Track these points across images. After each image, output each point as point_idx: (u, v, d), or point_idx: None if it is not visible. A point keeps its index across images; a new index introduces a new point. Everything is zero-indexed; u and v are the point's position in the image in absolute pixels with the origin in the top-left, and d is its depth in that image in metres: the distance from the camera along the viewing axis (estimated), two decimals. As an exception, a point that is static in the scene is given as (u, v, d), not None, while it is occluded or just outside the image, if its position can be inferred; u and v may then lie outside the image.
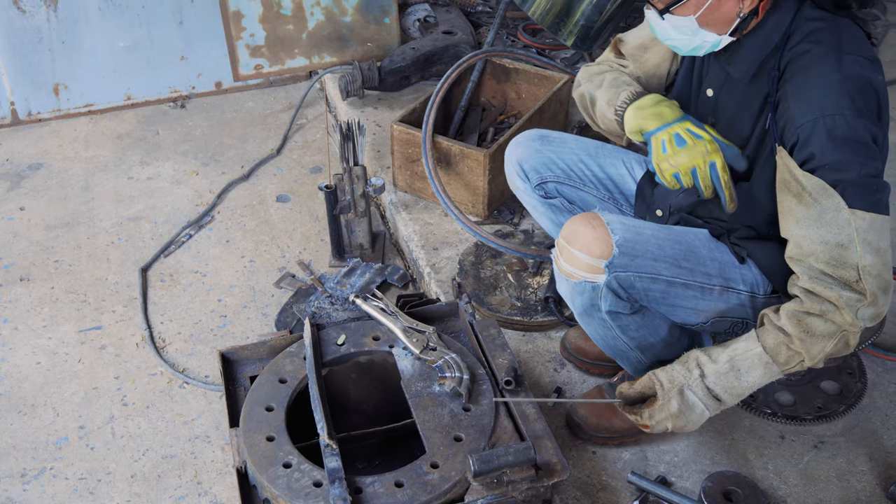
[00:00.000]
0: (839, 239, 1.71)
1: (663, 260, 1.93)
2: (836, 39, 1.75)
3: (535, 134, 2.36)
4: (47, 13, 3.62)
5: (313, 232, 3.17)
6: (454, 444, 1.92)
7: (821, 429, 2.30)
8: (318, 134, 3.74)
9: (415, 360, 2.11)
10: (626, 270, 1.91)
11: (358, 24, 3.95)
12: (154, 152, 3.65)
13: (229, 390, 2.10)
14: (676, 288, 1.95)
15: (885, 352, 2.48)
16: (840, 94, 1.70)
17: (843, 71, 1.72)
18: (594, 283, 1.93)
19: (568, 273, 1.96)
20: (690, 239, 1.99)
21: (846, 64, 1.72)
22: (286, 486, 1.82)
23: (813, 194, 1.72)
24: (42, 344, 2.72)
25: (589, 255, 1.90)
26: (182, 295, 2.90)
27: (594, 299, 1.97)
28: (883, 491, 2.14)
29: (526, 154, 2.33)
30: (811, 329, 1.77)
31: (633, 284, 1.93)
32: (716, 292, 1.98)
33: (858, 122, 1.70)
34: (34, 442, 2.41)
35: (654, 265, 1.92)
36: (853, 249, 1.71)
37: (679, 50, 1.91)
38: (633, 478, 2.12)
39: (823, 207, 1.71)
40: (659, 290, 1.95)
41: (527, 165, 2.32)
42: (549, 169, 2.32)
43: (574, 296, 2.00)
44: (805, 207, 1.74)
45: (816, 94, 1.73)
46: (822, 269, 1.75)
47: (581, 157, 2.33)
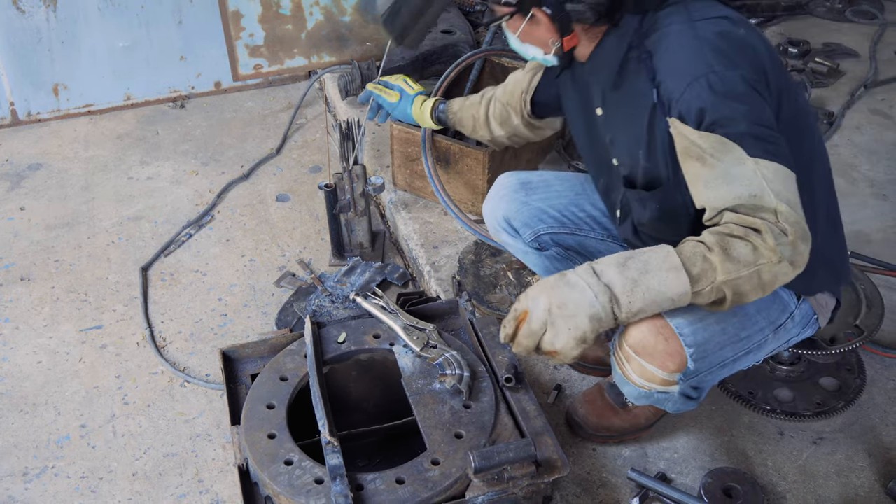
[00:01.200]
0: (751, 189, 1.66)
1: (728, 344, 1.90)
2: (685, 13, 1.78)
3: (516, 183, 2.28)
4: (47, 13, 3.63)
5: (313, 231, 3.17)
6: (455, 440, 1.92)
7: (820, 425, 2.31)
8: (317, 133, 3.75)
9: (415, 357, 2.12)
10: (699, 373, 1.90)
11: (357, 24, 3.95)
12: (154, 152, 3.66)
13: (230, 388, 2.11)
14: (740, 360, 1.96)
15: (883, 348, 2.49)
16: (704, 54, 1.71)
17: (699, 34, 1.74)
18: (667, 392, 1.94)
19: (639, 385, 1.94)
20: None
21: (699, 28, 1.75)
22: (288, 483, 1.83)
23: (713, 153, 1.69)
24: (43, 343, 2.73)
25: (664, 371, 1.87)
26: (182, 294, 2.91)
27: (661, 402, 1.99)
28: (882, 487, 2.15)
29: (513, 209, 2.25)
30: (730, 249, 1.65)
31: (703, 380, 1.94)
32: (770, 338, 1.97)
33: (732, 73, 1.69)
34: (36, 441, 2.41)
35: (721, 354, 1.90)
36: (767, 196, 1.65)
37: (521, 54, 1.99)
38: (633, 474, 2.13)
39: (727, 163, 1.68)
40: (726, 371, 1.96)
41: (516, 222, 2.25)
42: (541, 220, 2.24)
43: (639, 398, 1.99)
44: (710, 168, 1.70)
45: (683, 61, 1.73)
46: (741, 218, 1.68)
47: (570, 199, 2.26)
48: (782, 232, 1.65)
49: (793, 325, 2.00)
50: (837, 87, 3.91)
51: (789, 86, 1.85)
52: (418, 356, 2.11)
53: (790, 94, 1.83)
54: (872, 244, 2.92)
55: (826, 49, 4.19)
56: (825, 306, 2.07)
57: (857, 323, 2.33)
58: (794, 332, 2.03)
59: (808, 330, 2.06)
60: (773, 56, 1.82)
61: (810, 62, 4.02)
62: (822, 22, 4.53)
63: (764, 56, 1.77)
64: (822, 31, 4.42)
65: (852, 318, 2.36)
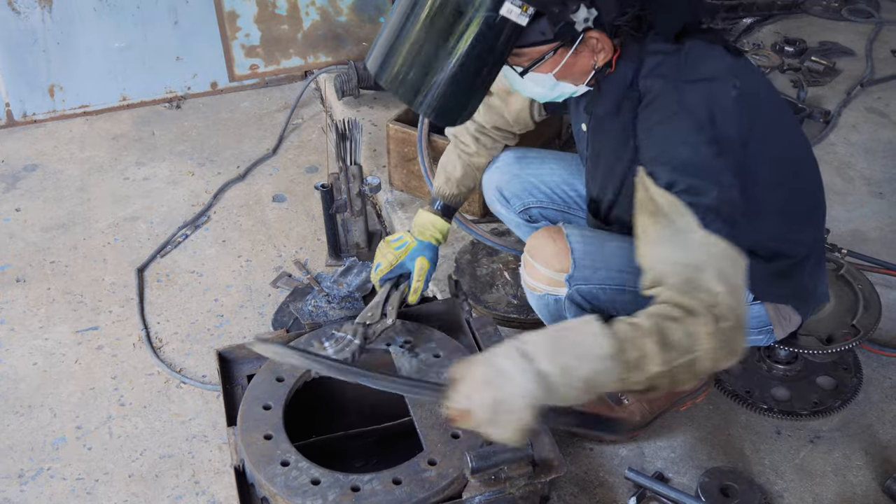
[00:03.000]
0: (693, 260, 1.62)
1: (628, 271, 1.83)
2: (675, 70, 1.74)
3: (513, 156, 2.31)
4: (42, 14, 3.63)
5: (309, 231, 3.17)
6: (451, 441, 1.92)
7: (817, 424, 2.31)
8: (313, 134, 3.75)
9: (412, 357, 2.12)
10: (589, 283, 1.91)
11: (353, 24, 3.95)
12: (150, 153, 3.65)
13: (227, 389, 2.11)
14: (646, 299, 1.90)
15: (880, 347, 2.49)
16: (683, 126, 1.69)
17: (683, 103, 1.70)
18: (556, 296, 1.95)
19: (531, 287, 1.98)
20: None
21: (685, 94, 1.71)
22: (284, 484, 1.82)
23: (667, 213, 1.65)
24: (39, 345, 2.72)
25: (549, 269, 1.92)
26: (178, 295, 2.90)
27: (559, 311, 1.98)
28: (879, 485, 2.15)
29: (505, 179, 2.29)
30: (666, 333, 1.57)
31: (597, 296, 1.93)
32: None
33: (708, 149, 1.67)
34: (31, 442, 2.41)
35: (619, 276, 1.90)
36: (708, 272, 1.60)
37: (539, 99, 1.94)
38: (630, 474, 2.12)
39: (677, 227, 1.64)
40: (627, 301, 1.90)
41: (507, 192, 2.29)
42: (531, 194, 2.28)
43: (540, 308, 2.03)
44: (660, 227, 1.66)
45: (663, 130, 1.72)
46: (678, 291, 1.61)
47: (563, 178, 2.28)
48: (718, 318, 1.58)
49: None
50: (834, 85, 3.91)
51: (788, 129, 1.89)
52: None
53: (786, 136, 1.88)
54: (869, 243, 2.92)
55: (822, 48, 4.19)
56: (787, 320, 2.07)
57: (854, 322, 2.33)
58: None
59: (758, 336, 2.06)
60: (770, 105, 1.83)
61: (806, 61, 4.02)
62: (818, 20, 4.53)
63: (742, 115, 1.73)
64: (818, 29, 4.42)
65: (849, 318, 2.36)
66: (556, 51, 1.71)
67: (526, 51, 1.70)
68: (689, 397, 2.31)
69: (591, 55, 1.76)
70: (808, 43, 4.19)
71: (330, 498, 1.79)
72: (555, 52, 1.71)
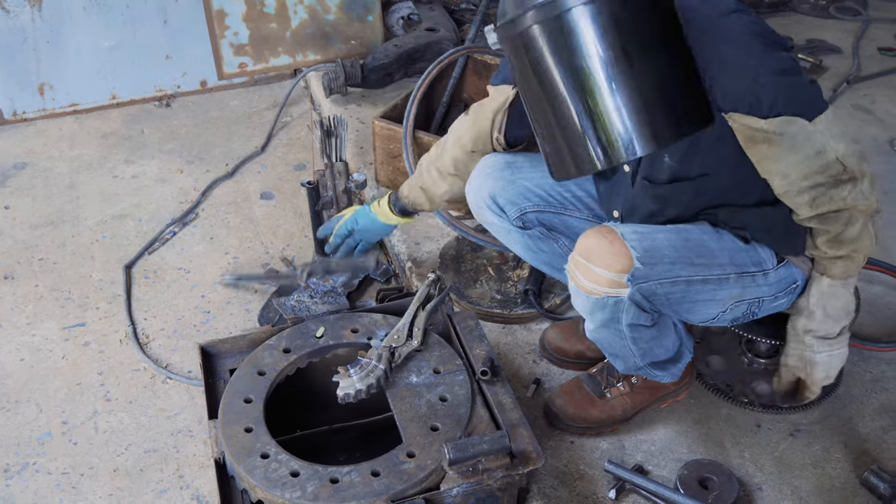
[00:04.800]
0: (815, 149, 1.78)
1: (680, 262, 1.94)
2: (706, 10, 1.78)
3: (502, 162, 2.27)
4: (32, 13, 3.63)
5: (297, 228, 3.18)
6: (430, 433, 1.94)
7: (797, 417, 2.33)
8: (302, 131, 3.76)
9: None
10: (648, 280, 1.91)
11: (341, 23, 3.96)
12: (139, 151, 3.66)
13: (209, 383, 2.12)
14: (695, 286, 1.97)
15: (861, 341, 2.50)
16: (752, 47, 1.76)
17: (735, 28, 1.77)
18: (617, 297, 1.93)
19: (589, 290, 1.94)
20: (697, 235, 2.00)
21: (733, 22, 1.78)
22: (263, 476, 1.84)
23: (779, 131, 1.77)
24: (26, 341, 2.73)
25: (610, 271, 1.90)
26: (166, 291, 2.92)
27: (616, 313, 1.97)
28: (857, 477, 2.17)
29: (498, 186, 2.24)
30: (851, 237, 1.87)
31: (654, 292, 1.94)
32: (731, 280, 2.00)
33: (775, 56, 1.77)
34: (17, 437, 2.42)
35: (672, 269, 1.93)
36: (828, 148, 1.77)
37: None
38: (610, 467, 2.14)
39: (791, 135, 1.77)
40: (679, 292, 1.96)
41: (501, 199, 2.25)
42: (527, 199, 2.25)
43: (594, 311, 1.99)
44: (776, 146, 1.79)
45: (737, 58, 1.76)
46: (814, 182, 1.81)
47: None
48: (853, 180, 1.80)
49: (765, 282, 2.03)
50: (820, 82, 3.86)
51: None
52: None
53: None
54: (852, 238, 2.93)
55: (809, 45, 4.21)
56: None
57: None
58: (768, 291, 2.04)
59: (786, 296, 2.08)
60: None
61: (793, 58, 4.03)
62: (805, 18, 4.56)
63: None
64: (805, 27, 4.44)
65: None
66: None
67: None
68: (670, 395, 2.32)
69: None
70: (796, 40, 4.22)
71: (308, 490, 1.81)
72: None
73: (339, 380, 2.04)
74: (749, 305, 2.06)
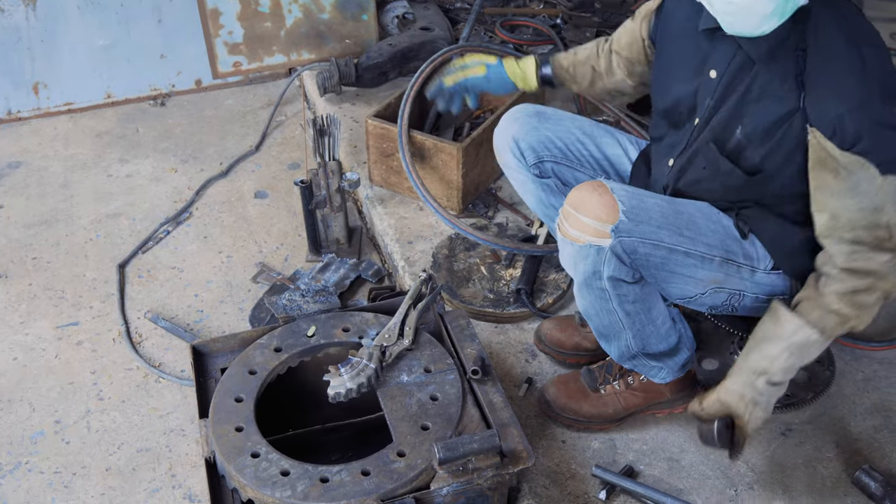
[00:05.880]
0: (874, 203, 1.80)
1: (666, 228, 1.97)
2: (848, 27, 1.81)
3: (532, 109, 2.36)
4: (26, 12, 3.63)
5: (291, 227, 3.18)
6: (421, 432, 1.94)
7: (789, 416, 2.33)
8: (296, 130, 3.76)
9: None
10: (631, 235, 1.94)
11: (336, 21, 3.96)
12: (133, 150, 3.66)
13: (200, 382, 2.12)
14: (677, 255, 1.99)
15: (853, 340, 2.51)
16: (866, 85, 1.77)
17: (866, 63, 1.78)
18: (599, 246, 1.96)
19: (574, 237, 1.98)
20: (692, 210, 2.04)
21: (867, 56, 1.79)
22: (254, 475, 1.84)
23: (849, 168, 1.79)
24: (19, 340, 2.73)
25: (596, 220, 1.94)
26: (159, 290, 2.92)
27: (597, 264, 1.99)
28: (849, 477, 2.17)
29: (523, 131, 2.33)
30: (863, 304, 1.88)
31: (636, 250, 1.96)
32: (716, 262, 2.02)
33: (886, 108, 1.78)
34: (9, 437, 2.42)
35: (657, 232, 1.96)
36: (886, 210, 1.80)
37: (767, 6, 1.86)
38: (597, 471, 2.13)
39: (859, 178, 1.79)
40: (660, 257, 1.99)
41: (523, 143, 2.33)
42: (547, 148, 2.33)
43: (578, 261, 2.02)
44: (841, 181, 1.81)
45: (845, 84, 1.78)
46: (857, 236, 1.83)
47: (578, 137, 2.34)
48: (893, 254, 1.84)
49: (751, 278, 2.06)
50: (815, 82, 3.92)
51: None
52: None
53: None
54: (845, 237, 2.93)
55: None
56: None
57: None
58: (751, 289, 2.07)
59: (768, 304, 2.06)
60: None
61: (788, 57, 4.03)
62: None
63: None
64: (801, 26, 4.44)
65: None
66: None
67: None
68: (667, 404, 2.32)
69: None
70: (791, 40, 4.20)
71: (299, 489, 1.81)
72: None
73: (329, 379, 2.04)
74: (729, 296, 2.08)
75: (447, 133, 3.28)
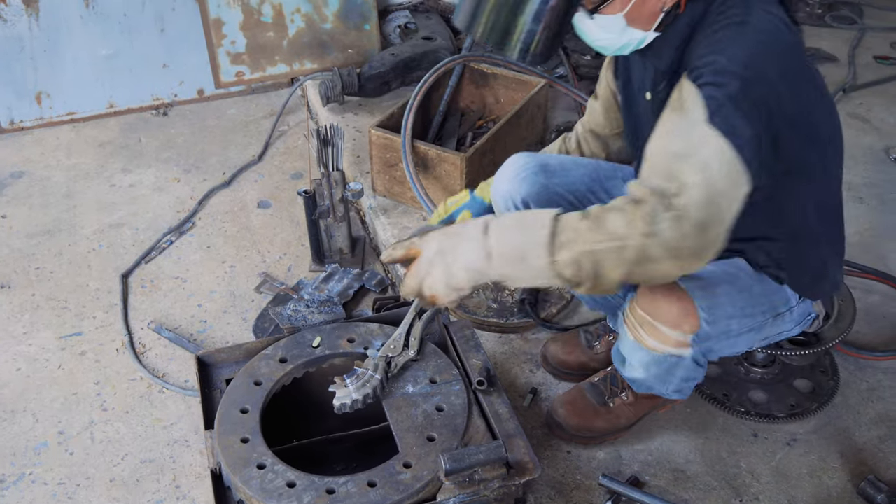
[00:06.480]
0: (682, 149, 1.60)
1: (736, 316, 1.93)
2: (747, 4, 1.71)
3: (535, 164, 2.22)
4: (29, 22, 3.64)
5: (294, 237, 3.18)
6: (427, 443, 1.93)
7: (794, 427, 2.33)
8: (299, 140, 3.77)
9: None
10: (709, 339, 1.91)
11: (338, 31, 3.97)
12: (136, 159, 3.67)
13: (205, 393, 2.12)
14: (743, 335, 1.97)
15: (857, 350, 2.51)
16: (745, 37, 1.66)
17: (750, 19, 1.68)
18: (680, 356, 1.93)
19: (652, 347, 1.94)
20: (744, 279, 1.96)
21: (755, 13, 1.69)
22: (260, 486, 1.83)
23: (686, 106, 1.63)
24: (22, 350, 2.73)
25: (677, 331, 1.88)
26: (162, 301, 2.91)
27: (673, 369, 1.98)
28: (854, 487, 2.16)
29: (533, 191, 2.20)
30: (604, 219, 1.59)
31: (711, 349, 1.95)
32: (769, 324, 2.00)
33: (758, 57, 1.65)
34: (13, 448, 2.42)
35: (729, 324, 1.92)
36: (690, 162, 1.57)
37: (606, 50, 1.87)
38: (604, 480, 2.13)
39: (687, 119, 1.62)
40: (730, 345, 1.97)
41: (534, 205, 2.20)
42: (558, 205, 2.18)
43: (650, 364, 1.99)
44: (672, 121, 1.66)
45: (720, 38, 1.69)
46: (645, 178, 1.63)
47: (588, 185, 2.24)
48: (668, 208, 1.55)
49: (790, 318, 2.04)
50: (816, 91, 3.93)
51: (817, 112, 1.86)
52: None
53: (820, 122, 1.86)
54: (849, 247, 2.87)
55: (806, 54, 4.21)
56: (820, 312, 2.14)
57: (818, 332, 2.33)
58: (789, 326, 2.06)
59: (800, 327, 2.09)
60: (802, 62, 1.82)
61: (790, 67, 4.04)
62: (801, 27, 4.55)
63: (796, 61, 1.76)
64: (801, 36, 4.45)
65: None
66: None
67: None
68: (670, 400, 2.31)
69: None
70: (792, 49, 4.22)
71: (305, 501, 1.81)
72: None
73: (335, 390, 2.04)
74: (772, 340, 2.08)
75: (450, 143, 3.28)
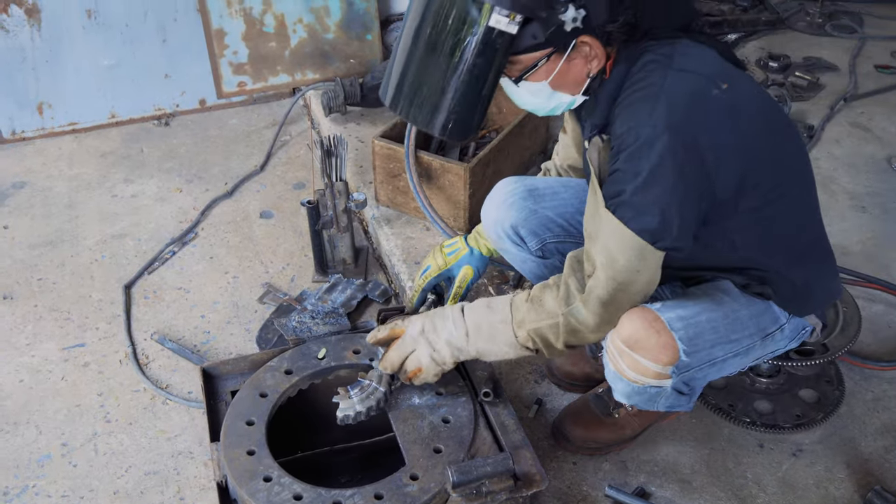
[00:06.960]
0: (592, 231, 1.82)
1: (719, 343, 1.93)
2: (667, 59, 1.73)
3: (523, 189, 2.24)
4: (31, 32, 3.64)
5: (297, 248, 3.18)
6: (434, 455, 1.93)
7: (799, 437, 2.32)
8: (301, 150, 3.77)
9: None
10: (690, 368, 1.92)
11: (340, 41, 3.98)
12: (138, 170, 3.66)
13: (210, 405, 2.11)
14: (729, 360, 1.98)
15: (862, 360, 2.50)
16: (655, 108, 1.69)
17: (666, 85, 1.70)
18: (660, 387, 1.94)
19: (633, 379, 1.93)
20: (729, 304, 1.96)
21: (670, 78, 1.70)
22: (266, 499, 1.83)
23: (595, 185, 1.80)
24: (25, 362, 2.72)
25: (656, 363, 1.88)
26: (165, 311, 2.91)
27: (655, 399, 1.98)
28: (861, 498, 2.16)
29: (521, 217, 2.21)
30: (542, 300, 1.90)
31: (693, 377, 1.95)
32: (758, 346, 2.00)
33: (667, 135, 1.67)
34: (16, 460, 2.41)
35: (712, 352, 1.93)
36: (596, 246, 1.80)
37: (537, 112, 1.90)
38: (610, 491, 2.13)
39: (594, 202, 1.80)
40: (715, 371, 1.98)
41: (523, 230, 2.22)
42: (549, 229, 2.23)
43: (631, 395, 1.99)
44: (588, 203, 1.84)
45: (636, 108, 1.72)
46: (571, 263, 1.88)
47: (577, 207, 2.23)
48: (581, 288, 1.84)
49: (781, 336, 2.03)
50: (817, 100, 3.94)
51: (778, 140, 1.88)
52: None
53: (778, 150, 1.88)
54: (851, 256, 2.94)
55: (806, 63, 4.23)
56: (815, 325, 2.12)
57: (826, 342, 2.32)
58: (782, 343, 2.05)
59: (795, 342, 2.09)
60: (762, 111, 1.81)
61: (790, 76, 4.06)
62: (802, 36, 4.58)
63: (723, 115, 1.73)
64: (802, 45, 4.47)
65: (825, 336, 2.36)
66: (550, 57, 1.72)
67: (521, 58, 1.72)
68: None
69: (584, 62, 1.76)
70: (793, 58, 4.24)
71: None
72: (548, 59, 1.73)
73: (339, 401, 2.03)
74: (764, 355, 2.07)
75: (453, 153, 3.28)
